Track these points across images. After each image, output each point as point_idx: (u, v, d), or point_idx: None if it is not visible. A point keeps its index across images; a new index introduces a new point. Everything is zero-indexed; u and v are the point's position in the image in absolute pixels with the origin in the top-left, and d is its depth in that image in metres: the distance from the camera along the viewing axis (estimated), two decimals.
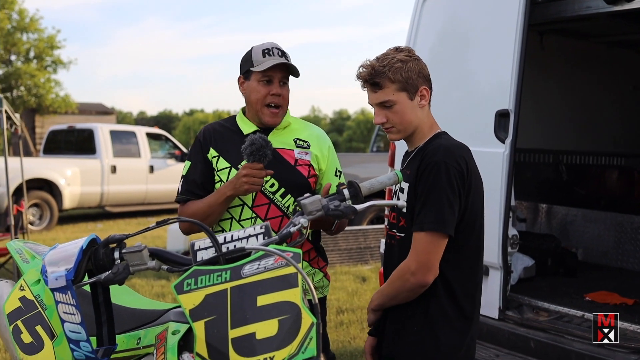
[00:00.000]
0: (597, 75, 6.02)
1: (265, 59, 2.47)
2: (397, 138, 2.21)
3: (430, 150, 2.11)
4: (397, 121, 2.16)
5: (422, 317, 2.11)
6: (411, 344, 2.13)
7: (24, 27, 21.64)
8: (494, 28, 3.73)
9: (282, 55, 2.50)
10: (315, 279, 2.62)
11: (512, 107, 3.52)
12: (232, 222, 2.52)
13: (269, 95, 2.50)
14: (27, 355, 2.11)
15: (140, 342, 2.06)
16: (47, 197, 11.48)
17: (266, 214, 2.49)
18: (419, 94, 2.15)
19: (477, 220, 2.16)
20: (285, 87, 2.55)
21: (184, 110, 73.56)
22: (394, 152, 4.21)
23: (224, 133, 2.61)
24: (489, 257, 3.57)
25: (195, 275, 1.76)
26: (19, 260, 2.46)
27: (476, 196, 2.14)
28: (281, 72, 2.51)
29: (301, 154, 2.57)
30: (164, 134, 14.14)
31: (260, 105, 2.51)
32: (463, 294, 2.12)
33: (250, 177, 2.33)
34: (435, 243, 2.03)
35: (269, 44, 2.53)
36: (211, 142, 2.58)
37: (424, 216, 2.04)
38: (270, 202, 2.49)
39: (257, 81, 2.51)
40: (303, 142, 2.60)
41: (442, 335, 2.09)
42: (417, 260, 2.04)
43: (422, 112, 2.17)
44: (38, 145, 20.10)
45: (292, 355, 1.66)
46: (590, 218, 5.33)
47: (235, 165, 2.50)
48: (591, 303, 3.91)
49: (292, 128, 2.63)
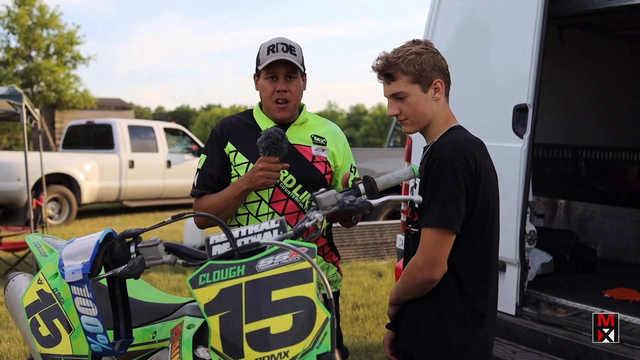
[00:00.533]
0: (617, 70, 5.93)
1: (268, 56, 2.46)
2: (411, 131, 2.20)
3: (437, 146, 2.09)
4: (410, 113, 2.14)
5: (433, 313, 2.10)
6: (423, 339, 2.12)
7: (44, 23, 21.87)
8: (512, 22, 3.69)
9: (287, 50, 2.47)
10: (330, 274, 2.62)
11: (530, 102, 3.48)
12: (249, 217, 2.52)
13: (275, 92, 2.49)
14: (44, 348, 2.14)
15: (156, 336, 2.07)
16: (66, 191, 11.61)
17: (283, 209, 2.48)
18: (433, 87, 2.13)
19: (489, 216, 2.13)
20: (293, 82, 2.51)
21: (202, 106, 73.98)
22: (410, 147, 4.18)
23: (241, 127, 2.60)
24: (506, 252, 3.54)
25: (210, 269, 1.76)
26: (37, 253, 2.49)
27: (487, 192, 2.11)
28: (285, 68, 2.48)
29: (318, 151, 2.56)
30: (181, 129, 14.21)
31: (269, 101, 2.51)
32: (474, 291, 2.11)
33: (266, 171, 2.33)
34: (441, 239, 2.02)
35: (275, 40, 2.51)
36: (229, 136, 2.57)
37: (430, 212, 2.03)
38: (287, 198, 2.49)
39: (264, 79, 2.51)
40: (320, 138, 2.60)
41: (452, 331, 2.08)
42: (424, 256, 2.03)
43: (436, 105, 2.15)
44: (57, 140, 20.33)
45: (306, 350, 1.66)
46: (609, 214, 5.26)
47: (254, 161, 2.49)
48: (610, 300, 3.87)
49: (309, 124, 2.62)
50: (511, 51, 3.68)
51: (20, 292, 2.33)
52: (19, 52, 21.97)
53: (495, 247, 2.21)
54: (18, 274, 2.53)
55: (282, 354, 1.65)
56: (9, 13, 21.50)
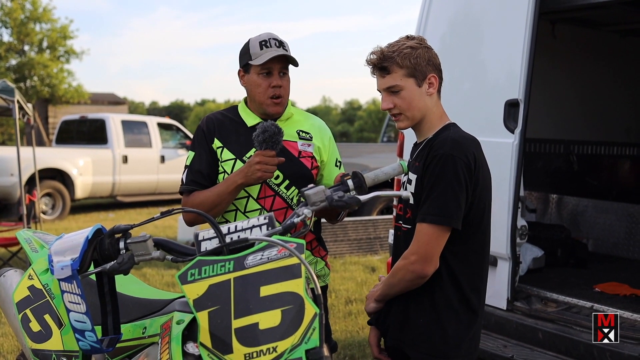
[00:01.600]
0: (609, 65, 5.95)
1: (263, 51, 2.46)
2: (405, 126, 2.19)
3: (438, 143, 2.09)
4: (404, 107, 2.14)
5: (428, 309, 2.11)
6: (418, 335, 2.13)
7: (37, 17, 21.75)
8: (504, 17, 3.69)
9: (280, 45, 2.48)
10: (317, 268, 2.63)
11: (521, 97, 3.48)
12: (237, 213, 2.52)
13: (270, 87, 2.49)
14: (35, 343, 2.14)
15: (146, 332, 2.07)
16: (60, 186, 11.57)
17: (271, 205, 2.49)
18: (427, 82, 2.13)
19: (485, 214, 2.15)
20: (285, 77, 2.54)
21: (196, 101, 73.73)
22: (402, 142, 4.19)
23: (227, 123, 2.59)
24: (498, 247, 3.55)
25: (199, 265, 1.77)
26: (28, 249, 2.49)
27: (484, 190, 2.13)
28: (280, 63, 2.49)
29: (304, 146, 2.56)
30: (175, 124, 14.18)
31: (263, 97, 2.50)
32: (469, 287, 2.12)
33: (263, 165, 2.31)
34: (436, 235, 2.03)
35: (265, 35, 2.51)
36: (215, 132, 2.56)
37: (428, 208, 2.03)
38: (275, 194, 2.49)
39: (256, 74, 2.50)
40: (305, 133, 2.60)
41: (449, 327, 2.10)
42: (417, 252, 2.04)
43: (430, 100, 2.16)
44: (51, 135, 20.28)
45: (295, 345, 1.67)
46: (601, 209, 5.29)
47: (240, 157, 2.49)
48: (601, 294, 3.89)
49: (294, 120, 2.62)
50: (503, 46, 3.68)
51: (11, 288, 2.33)
52: (12, 46, 21.85)
53: (489, 244, 2.23)
54: (9, 270, 2.53)
55: (270, 349, 1.66)
56: (1, 7, 21.39)
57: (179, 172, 13.82)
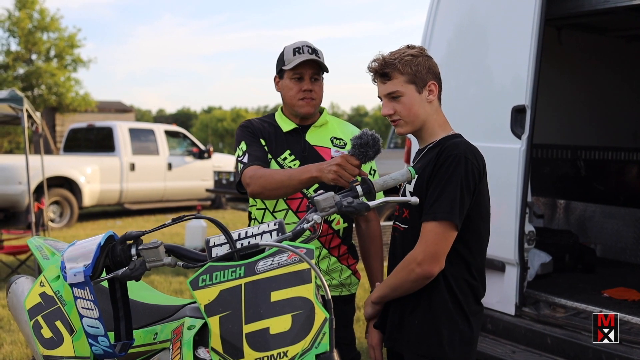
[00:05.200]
0: (616, 70, 5.95)
1: (295, 57, 2.53)
2: (404, 132, 2.22)
3: (450, 145, 2.11)
4: (404, 113, 2.17)
5: (424, 311, 2.12)
6: (414, 338, 2.14)
7: (44, 27, 21.90)
8: (510, 23, 3.71)
9: (313, 52, 2.55)
10: (343, 276, 2.64)
11: (528, 103, 3.49)
12: (265, 212, 2.58)
13: (301, 91, 2.56)
14: (47, 350, 2.15)
15: (157, 337, 2.09)
16: (68, 194, 11.62)
17: (297, 207, 2.54)
18: (427, 89, 2.17)
19: (483, 221, 2.16)
20: (317, 83, 2.60)
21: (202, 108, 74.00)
22: (409, 148, 4.20)
23: (266, 126, 2.66)
24: (505, 253, 3.56)
25: (210, 271, 1.78)
26: (39, 256, 2.51)
27: (483, 201, 2.15)
28: (311, 69, 2.56)
29: (338, 153, 2.59)
30: (182, 131, 14.23)
31: (294, 100, 2.57)
32: (465, 290, 2.13)
33: (341, 169, 2.16)
34: (445, 234, 2.03)
35: (300, 43, 2.59)
36: (259, 132, 2.63)
37: (438, 206, 2.04)
38: (303, 197, 2.54)
39: (289, 79, 2.57)
40: (339, 140, 2.65)
41: (445, 329, 2.10)
42: (425, 251, 2.04)
43: (430, 107, 2.19)
44: (58, 144, 20.37)
45: (305, 350, 1.68)
46: (609, 214, 5.28)
47: (275, 158, 2.56)
48: (609, 299, 3.88)
49: (328, 127, 2.68)
50: (509, 52, 3.70)
51: (23, 295, 2.34)
52: (20, 55, 22.01)
53: (485, 252, 2.24)
54: (20, 277, 2.55)
55: (281, 353, 1.67)
56: (9, 16, 21.55)
57: (186, 180, 13.82)
